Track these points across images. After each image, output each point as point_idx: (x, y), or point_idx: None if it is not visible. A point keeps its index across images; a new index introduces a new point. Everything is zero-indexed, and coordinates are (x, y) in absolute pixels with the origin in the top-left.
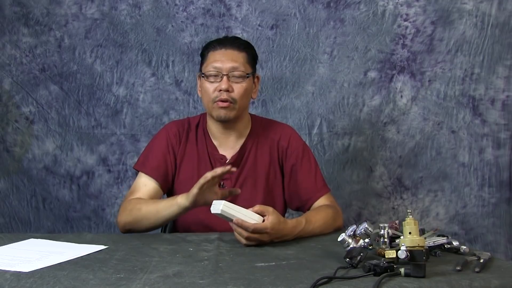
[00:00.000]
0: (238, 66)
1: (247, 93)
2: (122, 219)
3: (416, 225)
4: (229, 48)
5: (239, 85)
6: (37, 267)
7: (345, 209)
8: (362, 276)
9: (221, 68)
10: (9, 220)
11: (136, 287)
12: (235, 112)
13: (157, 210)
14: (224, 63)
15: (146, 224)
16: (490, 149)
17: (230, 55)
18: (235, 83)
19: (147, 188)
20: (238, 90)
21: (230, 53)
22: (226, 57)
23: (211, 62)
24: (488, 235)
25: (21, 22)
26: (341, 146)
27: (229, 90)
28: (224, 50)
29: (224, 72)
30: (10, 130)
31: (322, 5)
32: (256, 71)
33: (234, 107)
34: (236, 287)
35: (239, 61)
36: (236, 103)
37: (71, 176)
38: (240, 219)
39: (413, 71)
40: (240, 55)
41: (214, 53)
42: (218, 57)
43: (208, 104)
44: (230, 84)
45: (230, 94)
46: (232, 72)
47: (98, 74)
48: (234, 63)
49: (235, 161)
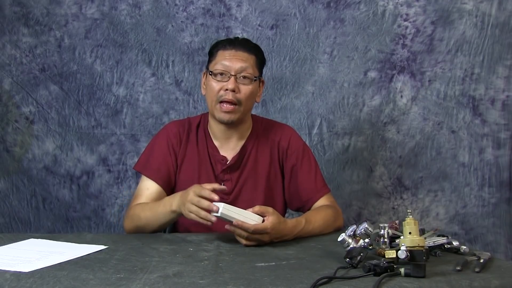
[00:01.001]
0: (247, 67)
1: (252, 96)
2: (126, 226)
3: (416, 225)
4: (239, 50)
5: (246, 87)
6: (37, 267)
7: (345, 209)
8: (362, 276)
9: (230, 68)
10: (9, 220)
11: (136, 287)
12: (238, 115)
13: (156, 217)
14: (233, 63)
15: (150, 229)
16: (490, 149)
17: (240, 56)
18: (242, 84)
19: (149, 192)
20: (244, 92)
21: (240, 54)
22: (236, 58)
23: (220, 60)
24: (488, 235)
25: (21, 22)
26: (341, 146)
27: (235, 91)
28: (235, 51)
29: (232, 72)
30: (10, 130)
31: (322, 5)
32: (262, 75)
33: (239, 109)
34: (236, 287)
35: (248, 63)
36: (241, 105)
37: (71, 176)
38: (240, 221)
39: (413, 71)
40: (249, 58)
41: (223, 52)
42: (228, 56)
43: (211, 103)
44: (237, 85)
45: (235, 95)
46: (240, 73)
47: (98, 74)
48: (243, 64)
49: (236, 162)
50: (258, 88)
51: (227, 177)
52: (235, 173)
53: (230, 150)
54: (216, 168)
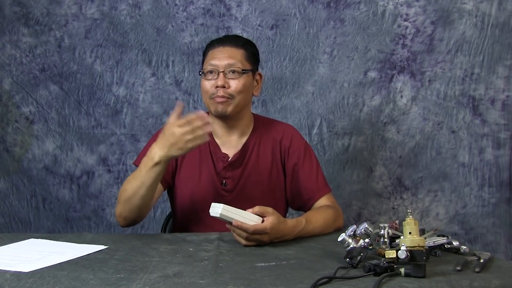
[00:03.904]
0: (235, 62)
1: (246, 89)
2: (116, 210)
3: (416, 225)
4: (227, 46)
5: (235, 81)
6: (37, 267)
7: (345, 209)
8: (362, 276)
9: (217, 65)
10: (9, 220)
11: (136, 287)
12: (233, 107)
13: (140, 181)
14: (221, 60)
15: (138, 198)
16: (490, 149)
17: (227, 52)
18: (232, 79)
19: None
20: (234, 86)
21: (227, 50)
22: (223, 54)
23: (209, 59)
24: (488, 235)
25: (21, 22)
26: (341, 146)
27: (225, 87)
28: (222, 47)
29: (220, 69)
30: (10, 130)
31: (322, 5)
32: (259, 69)
33: (232, 101)
34: (236, 287)
35: (236, 58)
36: (233, 98)
37: (71, 176)
38: (239, 222)
39: (413, 71)
40: (237, 52)
41: (212, 51)
42: (216, 54)
43: (206, 101)
44: (227, 80)
45: (226, 90)
46: (229, 68)
47: (98, 74)
48: (230, 60)
49: (237, 160)
50: (254, 81)
51: (228, 175)
52: (236, 170)
53: (231, 148)
54: (218, 166)
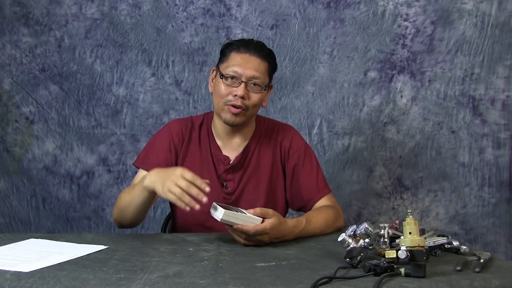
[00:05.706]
0: (259, 76)
1: (261, 102)
2: (113, 213)
3: (416, 225)
4: (253, 55)
5: (255, 95)
6: (37, 267)
7: (345, 209)
8: (362, 276)
9: (241, 74)
10: (9, 220)
11: (136, 287)
12: (244, 119)
13: (132, 197)
14: (245, 69)
15: (128, 213)
16: (490, 149)
17: (253, 63)
18: (252, 92)
19: None
20: (253, 99)
21: (253, 60)
22: (248, 64)
23: (232, 64)
24: (488, 235)
25: (21, 22)
26: (341, 146)
27: (244, 98)
28: (248, 55)
29: (243, 79)
30: (10, 130)
31: (322, 5)
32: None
33: (245, 113)
34: (236, 287)
35: (260, 71)
36: (248, 111)
37: (71, 176)
38: (240, 225)
39: (413, 71)
40: (262, 65)
41: (237, 55)
42: (240, 61)
43: (218, 104)
44: (247, 92)
45: (244, 101)
46: (252, 80)
47: (98, 74)
48: (255, 73)
49: (239, 162)
50: (266, 93)
51: (229, 177)
52: (237, 173)
53: (233, 150)
54: (219, 168)
